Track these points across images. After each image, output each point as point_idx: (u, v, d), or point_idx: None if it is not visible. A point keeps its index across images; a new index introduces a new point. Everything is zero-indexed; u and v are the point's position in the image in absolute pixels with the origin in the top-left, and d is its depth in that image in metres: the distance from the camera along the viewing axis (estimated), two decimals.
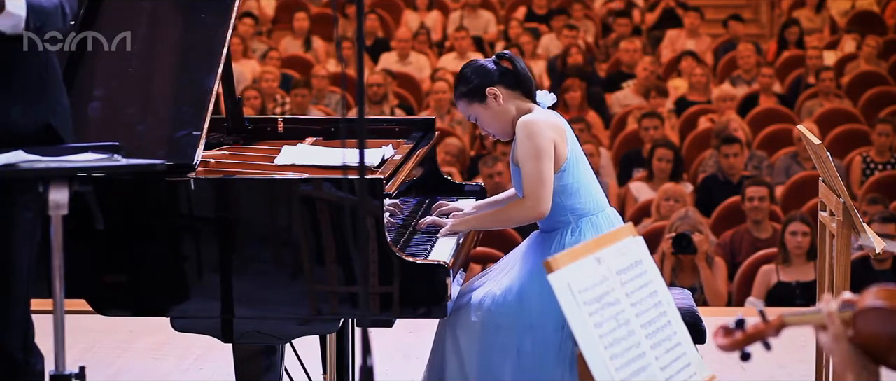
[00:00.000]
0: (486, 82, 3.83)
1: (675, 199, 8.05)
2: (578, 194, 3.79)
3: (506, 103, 3.83)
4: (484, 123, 3.89)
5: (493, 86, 3.83)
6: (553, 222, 3.80)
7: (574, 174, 3.78)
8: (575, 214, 3.78)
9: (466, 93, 3.85)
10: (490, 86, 3.83)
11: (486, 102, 3.84)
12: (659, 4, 13.73)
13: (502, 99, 3.83)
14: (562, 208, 3.78)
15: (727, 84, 11.53)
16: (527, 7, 13.50)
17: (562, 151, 3.75)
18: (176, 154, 3.57)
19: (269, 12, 13.83)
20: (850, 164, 9.42)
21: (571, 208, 3.79)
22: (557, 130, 3.76)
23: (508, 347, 3.71)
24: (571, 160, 3.78)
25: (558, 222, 3.79)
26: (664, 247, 7.09)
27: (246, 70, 11.43)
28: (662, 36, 13.12)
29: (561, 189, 3.76)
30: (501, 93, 3.83)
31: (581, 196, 3.79)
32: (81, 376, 3.20)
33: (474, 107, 3.86)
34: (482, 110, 3.85)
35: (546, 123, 3.75)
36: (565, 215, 3.79)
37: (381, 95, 10.46)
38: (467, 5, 13.49)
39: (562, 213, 3.79)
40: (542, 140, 3.70)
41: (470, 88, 3.84)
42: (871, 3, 13.91)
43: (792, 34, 12.77)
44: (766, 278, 7.19)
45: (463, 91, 3.86)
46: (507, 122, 3.85)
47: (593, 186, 3.85)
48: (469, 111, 3.88)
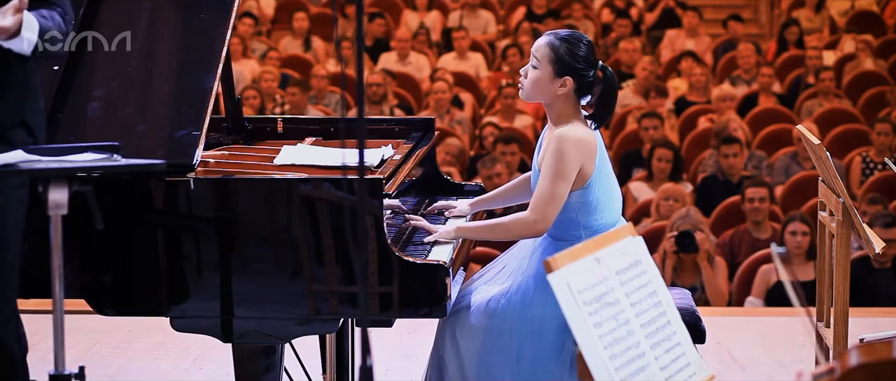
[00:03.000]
0: (574, 73, 3.73)
1: (674, 199, 8.05)
2: (597, 211, 3.74)
3: (561, 95, 3.74)
4: (530, 79, 3.77)
5: (573, 79, 3.74)
6: (564, 234, 3.76)
7: (595, 192, 3.73)
8: (589, 230, 3.73)
9: (557, 58, 3.73)
10: (572, 76, 3.73)
11: (555, 77, 3.74)
12: (658, 4, 13.73)
13: (565, 91, 3.74)
14: (576, 223, 3.75)
15: (727, 84, 11.53)
16: (527, 7, 13.50)
17: (587, 169, 3.69)
18: (175, 154, 3.57)
19: (269, 12, 13.83)
20: (850, 164, 9.42)
21: (586, 225, 3.75)
22: (588, 151, 3.69)
23: (509, 350, 3.70)
24: (595, 177, 3.72)
25: (570, 235, 3.75)
26: (666, 246, 7.10)
27: (245, 70, 11.43)
28: (662, 36, 13.13)
29: (580, 206, 3.73)
30: (569, 89, 3.74)
31: (598, 213, 3.75)
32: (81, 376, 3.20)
33: (545, 65, 3.75)
34: (543, 75, 3.74)
35: (580, 143, 3.68)
36: (578, 231, 3.75)
37: (381, 95, 10.46)
38: (467, 5, 13.49)
39: (574, 228, 3.75)
40: (569, 162, 3.66)
41: (564, 61, 3.73)
42: (871, 3, 13.92)
43: (791, 34, 12.78)
44: (766, 278, 7.19)
45: (558, 53, 3.73)
46: (542, 98, 3.76)
47: (613, 201, 3.80)
48: (537, 61, 3.75)
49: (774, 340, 6.02)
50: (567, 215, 3.73)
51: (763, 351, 5.82)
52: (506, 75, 11.58)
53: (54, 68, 3.77)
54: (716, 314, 6.50)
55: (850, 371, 2.30)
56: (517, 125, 10.37)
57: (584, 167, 3.69)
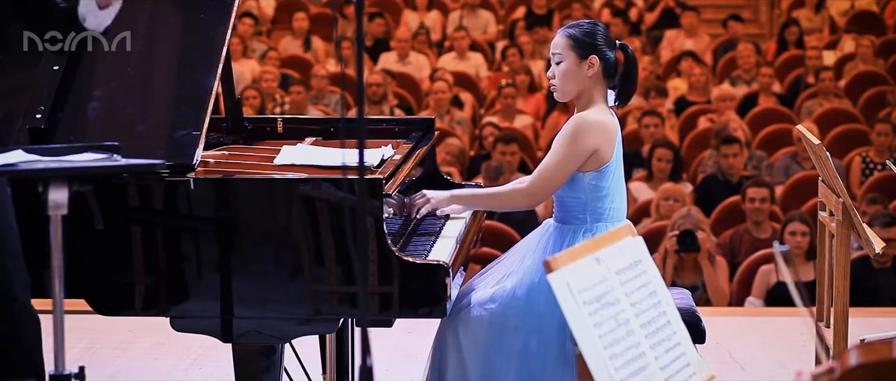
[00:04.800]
0: (597, 51, 3.75)
1: (674, 199, 8.06)
2: (606, 198, 3.75)
3: (593, 76, 3.76)
4: (560, 74, 3.79)
5: (599, 57, 3.76)
6: (570, 216, 3.77)
7: (610, 179, 3.74)
8: (594, 215, 3.75)
9: (578, 43, 3.77)
10: (596, 55, 3.75)
11: (581, 60, 3.77)
12: (658, 4, 13.73)
13: (594, 70, 3.76)
14: (584, 206, 3.75)
15: (727, 84, 11.53)
16: (527, 7, 13.50)
17: (606, 152, 3.71)
18: (175, 154, 3.57)
19: (269, 12, 13.83)
20: (850, 164, 9.42)
21: (593, 210, 3.75)
22: (607, 134, 3.71)
23: (512, 347, 3.70)
24: (613, 164, 3.74)
25: (575, 218, 3.76)
26: (667, 245, 7.10)
27: (245, 70, 11.44)
28: (661, 36, 13.13)
29: (592, 188, 3.73)
30: (597, 69, 3.76)
31: (607, 201, 3.75)
32: (81, 376, 3.20)
33: (568, 54, 3.78)
34: (570, 63, 3.77)
35: (599, 125, 3.70)
36: (584, 214, 3.75)
37: (381, 94, 10.46)
38: (467, 5, 13.49)
39: (581, 211, 3.76)
40: (581, 145, 3.67)
41: (584, 42, 3.76)
42: (871, 3, 13.92)
43: (791, 34, 12.78)
44: (766, 278, 7.19)
45: (576, 38, 3.77)
46: (574, 91, 3.78)
47: (621, 195, 3.81)
48: (561, 54, 3.78)
49: (774, 340, 6.02)
50: (576, 196, 3.74)
51: (763, 351, 5.82)
52: (506, 75, 11.59)
53: (54, 68, 3.77)
54: (716, 314, 6.50)
55: (850, 371, 2.29)
56: (517, 125, 10.37)
57: (602, 150, 3.71)
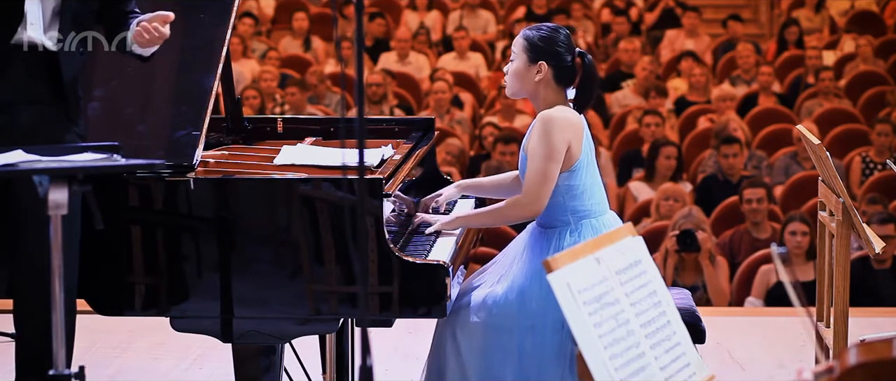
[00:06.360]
0: (548, 57, 3.81)
1: (674, 199, 8.05)
2: (583, 196, 3.79)
3: (540, 82, 3.82)
4: (509, 72, 3.89)
5: (548, 64, 3.81)
6: (552, 220, 3.80)
7: (582, 176, 3.78)
8: (576, 215, 3.79)
9: (531, 47, 3.82)
10: (545, 61, 3.80)
11: (530, 63, 3.82)
12: (658, 4, 13.72)
13: (542, 78, 3.81)
14: (563, 207, 3.79)
15: (726, 84, 11.53)
16: (526, 7, 13.50)
17: (575, 150, 3.75)
18: (175, 154, 3.58)
19: (269, 12, 13.83)
20: (850, 164, 9.42)
21: (574, 210, 3.79)
22: (574, 130, 3.76)
23: (510, 348, 3.70)
24: (583, 161, 3.77)
25: (558, 221, 3.79)
26: (668, 245, 7.10)
27: (245, 70, 11.43)
28: (662, 36, 13.12)
29: (567, 189, 3.77)
30: (546, 75, 3.80)
31: (585, 199, 3.79)
32: (81, 375, 3.19)
33: (519, 55, 3.85)
34: (520, 64, 3.84)
35: (565, 121, 3.74)
36: (566, 216, 3.79)
37: (381, 94, 10.46)
38: (467, 5, 13.49)
39: (562, 212, 3.79)
40: (556, 140, 3.71)
41: (537, 46, 3.82)
42: (871, 3, 13.91)
43: (791, 34, 12.77)
44: (766, 278, 7.19)
45: (531, 41, 3.83)
46: (523, 91, 3.86)
47: (598, 189, 3.84)
48: (514, 54, 3.87)
49: (774, 340, 6.02)
50: (554, 200, 3.77)
51: (763, 351, 5.82)
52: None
53: None
54: (716, 314, 6.50)
55: (850, 370, 2.30)
56: (517, 125, 10.37)
57: (572, 147, 3.74)
